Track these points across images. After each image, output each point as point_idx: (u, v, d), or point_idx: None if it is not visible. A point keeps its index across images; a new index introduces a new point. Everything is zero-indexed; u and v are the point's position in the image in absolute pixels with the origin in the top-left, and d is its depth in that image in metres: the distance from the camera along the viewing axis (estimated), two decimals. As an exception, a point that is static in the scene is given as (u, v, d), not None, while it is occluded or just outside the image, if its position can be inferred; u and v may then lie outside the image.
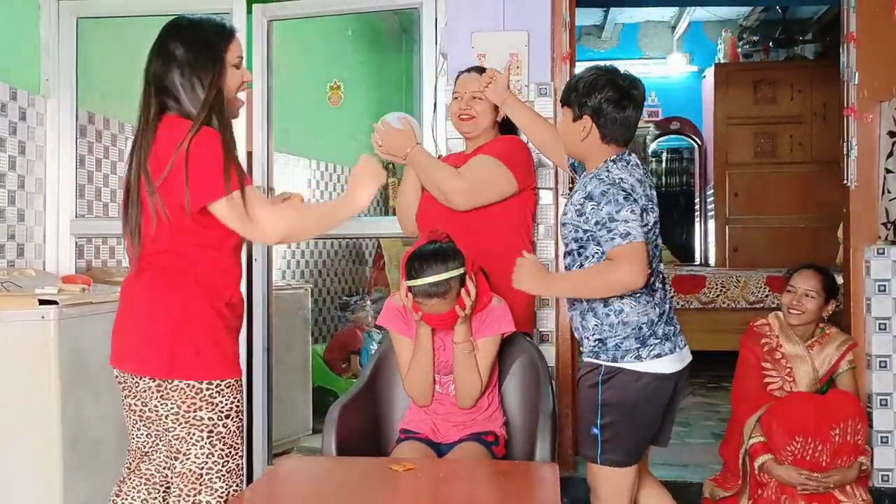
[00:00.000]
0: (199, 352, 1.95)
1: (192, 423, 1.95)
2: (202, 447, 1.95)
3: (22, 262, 3.49)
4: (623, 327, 2.20)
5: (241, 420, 2.02)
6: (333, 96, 3.91)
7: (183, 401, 1.94)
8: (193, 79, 1.98)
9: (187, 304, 1.97)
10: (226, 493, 1.97)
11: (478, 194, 2.62)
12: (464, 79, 2.81)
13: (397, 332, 2.44)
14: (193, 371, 1.94)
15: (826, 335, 3.07)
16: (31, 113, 3.58)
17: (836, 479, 2.84)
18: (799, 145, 7.65)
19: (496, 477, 2.02)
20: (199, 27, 2.06)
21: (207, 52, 2.01)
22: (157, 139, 1.96)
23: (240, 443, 2.01)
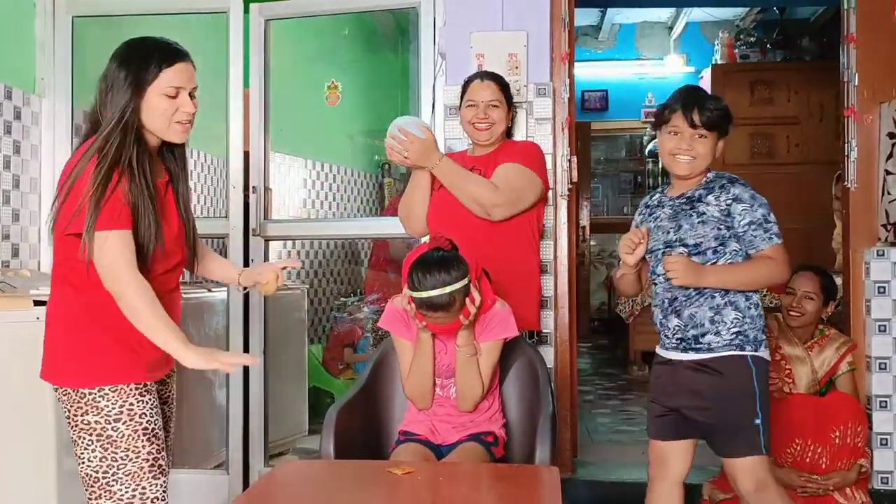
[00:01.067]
0: (76, 359, 1.97)
1: (82, 426, 1.97)
2: (93, 451, 1.96)
3: (17, 262, 3.47)
4: (759, 320, 2.34)
5: (142, 423, 1.98)
6: (331, 96, 3.89)
7: (70, 405, 1.98)
8: (108, 99, 1.95)
9: (61, 312, 2.01)
10: (130, 495, 1.96)
11: (516, 205, 2.67)
12: (477, 86, 2.81)
13: (398, 336, 2.41)
14: (65, 379, 1.98)
15: (825, 337, 3.07)
16: (26, 112, 3.56)
17: (836, 481, 2.84)
18: (796, 146, 7.63)
19: (496, 480, 2.00)
20: (137, 47, 2.02)
21: (129, 75, 1.95)
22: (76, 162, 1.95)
23: (141, 445, 1.97)
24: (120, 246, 1.89)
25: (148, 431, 1.99)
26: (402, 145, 2.62)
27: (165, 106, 1.97)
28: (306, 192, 5.49)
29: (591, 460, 3.54)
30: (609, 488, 3.24)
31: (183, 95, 2.00)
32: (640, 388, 5.58)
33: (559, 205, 3.32)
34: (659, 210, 2.48)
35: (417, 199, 2.76)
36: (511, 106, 2.86)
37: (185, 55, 2.03)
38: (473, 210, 2.64)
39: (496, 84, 2.81)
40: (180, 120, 2.00)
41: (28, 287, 3.02)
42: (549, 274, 3.29)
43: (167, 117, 1.98)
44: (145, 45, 2.02)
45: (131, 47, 2.02)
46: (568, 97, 3.33)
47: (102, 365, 1.97)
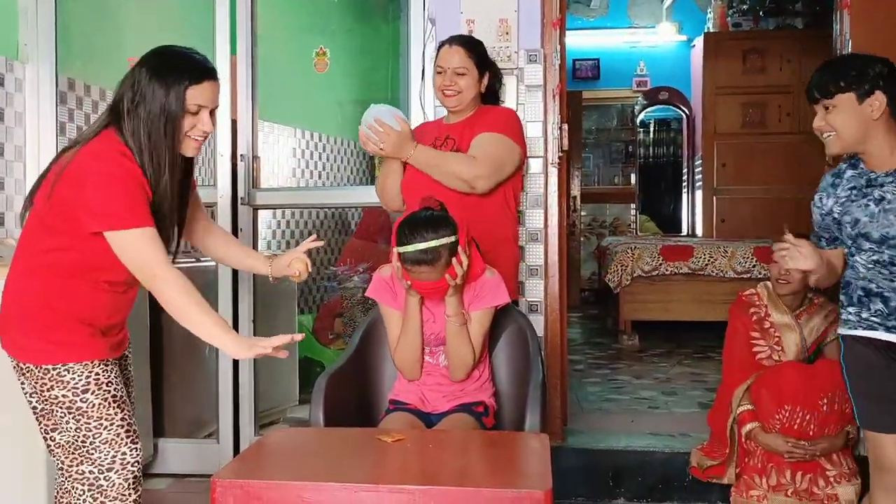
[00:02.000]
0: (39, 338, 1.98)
1: (50, 400, 1.99)
2: (67, 422, 1.99)
3: (2, 231, 3.44)
4: None
5: (110, 391, 2.01)
6: (319, 63, 3.85)
7: (35, 380, 1.99)
8: (135, 108, 1.98)
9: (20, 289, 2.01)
10: (110, 460, 1.99)
11: (497, 174, 2.65)
12: (445, 52, 2.75)
13: (386, 305, 2.41)
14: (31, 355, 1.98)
15: (814, 304, 3.07)
16: (9, 79, 3.50)
17: (823, 447, 2.85)
18: (787, 115, 7.62)
19: (486, 447, 2.00)
20: (170, 57, 2.04)
21: (162, 86, 1.98)
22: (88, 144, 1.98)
23: (113, 413, 2.00)
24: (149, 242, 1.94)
25: (118, 399, 2.02)
26: (378, 136, 2.58)
27: (186, 122, 2.01)
28: (295, 162, 5.45)
29: (580, 428, 3.55)
30: (599, 456, 3.26)
31: (204, 113, 2.04)
32: (629, 357, 5.61)
33: (550, 173, 3.30)
34: (875, 189, 2.24)
35: (391, 184, 2.77)
36: (486, 70, 2.78)
37: (213, 73, 2.05)
38: (456, 187, 2.60)
39: (465, 49, 2.73)
40: (196, 136, 2.05)
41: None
42: (540, 242, 3.28)
43: (183, 132, 2.02)
44: (176, 59, 2.03)
45: (162, 59, 2.03)
46: (559, 64, 3.29)
47: (65, 344, 1.98)
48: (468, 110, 2.76)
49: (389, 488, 1.59)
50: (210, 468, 3.46)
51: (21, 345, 2.00)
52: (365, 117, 2.63)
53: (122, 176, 1.93)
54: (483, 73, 2.76)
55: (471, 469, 1.84)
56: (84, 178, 1.92)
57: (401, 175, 2.73)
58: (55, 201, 1.96)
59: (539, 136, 3.26)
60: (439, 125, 2.84)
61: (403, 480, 1.63)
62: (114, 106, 2.03)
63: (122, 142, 1.98)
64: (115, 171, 1.93)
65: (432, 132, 2.80)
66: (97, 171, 1.92)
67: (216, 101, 2.07)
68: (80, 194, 1.92)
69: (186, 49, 2.08)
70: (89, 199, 1.92)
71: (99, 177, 1.92)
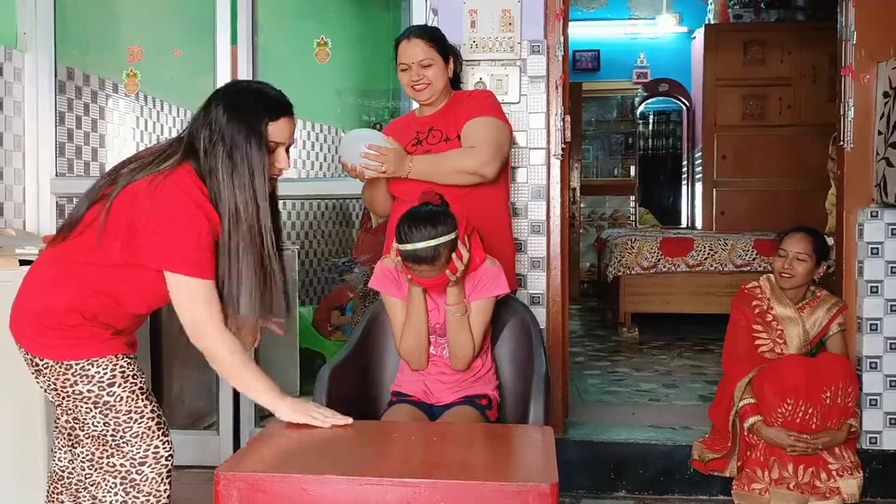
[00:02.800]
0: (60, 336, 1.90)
1: (74, 396, 1.92)
2: (94, 417, 1.93)
3: (1, 221, 3.42)
4: None
5: (137, 383, 1.96)
6: (320, 53, 3.81)
7: (56, 376, 1.91)
8: (217, 146, 1.90)
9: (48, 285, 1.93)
10: (142, 455, 1.94)
11: (500, 157, 2.63)
12: (405, 47, 2.67)
13: (389, 295, 2.39)
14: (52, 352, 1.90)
15: (817, 298, 3.07)
16: (7, 68, 3.47)
17: (826, 440, 2.85)
18: (788, 108, 7.60)
19: (490, 440, 1.99)
20: (247, 94, 1.97)
21: (243, 123, 1.90)
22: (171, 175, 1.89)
23: (143, 405, 1.95)
24: (209, 295, 1.89)
25: (145, 391, 1.98)
26: (378, 160, 2.52)
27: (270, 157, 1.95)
28: (296, 152, 5.42)
29: (581, 420, 3.55)
30: (600, 448, 3.25)
31: (280, 151, 1.98)
32: (629, 349, 5.61)
33: (552, 164, 3.28)
34: None
35: (382, 196, 2.76)
36: (450, 56, 2.72)
37: (290, 108, 2.00)
38: (464, 182, 2.57)
39: (424, 41, 2.66)
40: (273, 175, 1.99)
41: (13, 246, 2.97)
42: (542, 235, 3.27)
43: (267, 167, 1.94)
44: (253, 95, 1.96)
45: (239, 95, 1.97)
46: (562, 55, 3.27)
47: (88, 339, 1.91)
48: (442, 99, 2.73)
49: (393, 481, 1.58)
50: (210, 460, 3.47)
51: (41, 342, 1.92)
52: (350, 147, 2.55)
53: (201, 220, 1.86)
54: (447, 60, 2.71)
55: (475, 462, 1.83)
56: (164, 208, 1.84)
57: (386, 184, 2.71)
58: (118, 220, 1.88)
59: (542, 128, 3.24)
60: (415, 119, 2.78)
61: (407, 473, 1.62)
62: (189, 142, 1.94)
63: (201, 179, 1.90)
64: (197, 213, 1.86)
65: (411, 127, 2.75)
66: (180, 205, 1.85)
67: (292, 138, 2.01)
68: (156, 224, 1.85)
69: (261, 83, 2.02)
70: (164, 234, 1.85)
71: (181, 213, 1.85)
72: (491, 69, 3.22)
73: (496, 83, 3.21)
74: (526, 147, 3.24)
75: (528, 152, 3.25)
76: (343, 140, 2.61)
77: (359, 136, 2.59)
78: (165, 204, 1.85)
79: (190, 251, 1.86)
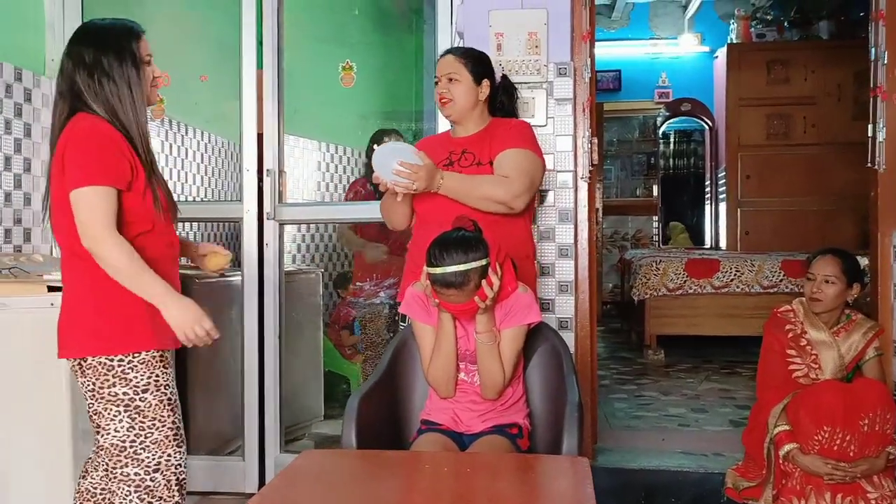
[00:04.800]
0: (100, 328, 2.03)
1: (108, 398, 2.04)
2: (121, 421, 2.05)
3: (29, 247, 3.43)
4: None
5: (167, 393, 2.10)
6: (346, 77, 3.82)
7: (96, 378, 2.04)
8: (102, 79, 2.07)
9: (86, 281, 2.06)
10: (156, 461, 2.08)
11: (532, 190, 2.62)
12: (439, 62, 2.72)
13: (418, 321, 2.37)
14: (94, 347, 2.03)
15: (852, 321, 3.00)
16: (36, 94, 3.50)
17: (864, 468, 2.78)
18: (812, 126, 7.54)
19: (524, 472, 1.95)
20: (106, 29, 2.15)
21: (114, 52, 2.09)
22: (63, 133, 2.07)
23: (166, 415, 2.08)
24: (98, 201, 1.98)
25: (171, 402, 2.11)
26: (409, 178, 2.47)
27: (147, 73, 2.15)
28: (320, 175, 5.43)
29: (610, 447, 3.50)
30: (631, 476, 3.20)
31: (153, 63, 2.18)
32: (655, 372, 5.54)
33: (580, 187, 3.26)
34: None
35: (402, 209, 2.69)
36: (485, 79, 2.71)
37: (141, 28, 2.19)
38: (490, 210, 2.54)
39: (455, 56, 2.70)
40: (158, 85, 2.21)
41: (41, 272, 2.98)
42: (569, 258, 3.23)
43: (148, 82, 2.16)
44: (109, 27, 2.15)
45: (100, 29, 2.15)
46: (589, 77, 3.25)
47: (129, 330, 2.03)
48: (473, 122, 2.70)
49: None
50: (235, 486, 3.44)
51: (82, 341, 2.05)
52: (382, 162, 2.51)
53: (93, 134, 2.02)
54: (479, 81, 2.69)
55: (509, 495, 1.79)
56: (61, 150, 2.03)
57: (410, 199, 2.66)
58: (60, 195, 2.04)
59: (569, 150, 3.22)
60: (449, 139, 2.77)
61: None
62: (71, 93, 2.10)
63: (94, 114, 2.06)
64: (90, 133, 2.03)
65: (444, 146, 2.73)
66: (72, 138, 2.02)
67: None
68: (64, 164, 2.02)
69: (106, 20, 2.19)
70: (66, 162, 2.01)
71: (74, 141, 2.02)
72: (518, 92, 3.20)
73: (523, 106, 3.19)
74: (553, 170, 3.22)
75: (556, 175, 3.23)
76: (376, 154, 2.55)
77: (392, 152, 2.53)
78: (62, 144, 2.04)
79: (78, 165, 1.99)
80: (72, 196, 1.98)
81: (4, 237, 3.31)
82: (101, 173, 1.98)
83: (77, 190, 1.97)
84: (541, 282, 3.22)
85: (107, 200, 1.98)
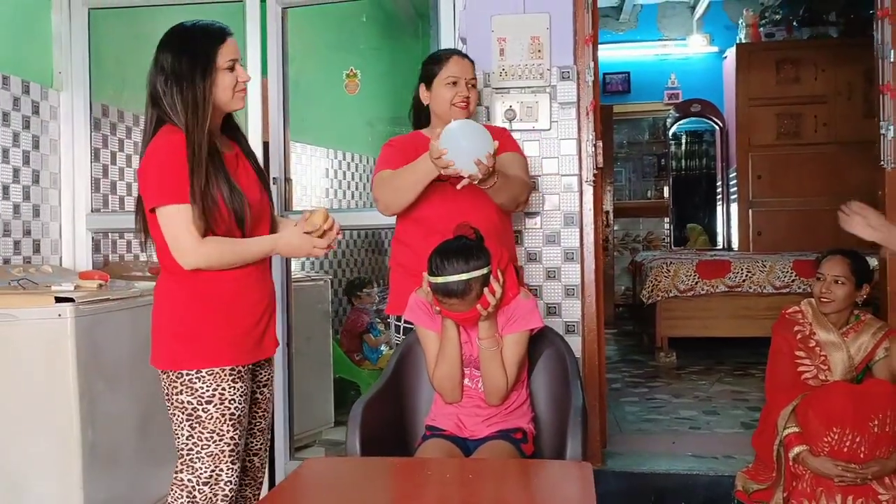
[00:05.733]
0: (175, 342, 2.10)
1: (176, 405, 2.11)
2: (183, 428, 2.10)
3: (38, 258, 3.46)
4: None
5: (230, 408, 2.11)
6: (350, 84, 3.83)
7: (168, 385, 2.12)
8: (175, 87, 2.06)
9: (165, 298, 2.14)
10: (208, 474, 2.10)
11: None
12: (457, 62, 2.66)
13: (423, 326, 2.37)
14: (167, 362, 2.11)
15: (861, 322, 2.98)
16: (44, 106, 3.53)
17: (875, 470, 2.75)
18: (823, 125, 7.49)
19: (527, 477, 1.95)
20: (185, 33, 2.12)
21: (191, 58, 2.06)
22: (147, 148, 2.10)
23: (225, 429, 2.10)
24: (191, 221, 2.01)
25: (234, 417, 2.12)
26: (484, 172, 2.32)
27: (229, 78, 2.10)
28: (328, 182, 5.45)
29: (620, 451, 3.48)
30: (640, 479, 3.18)
31: (238, 67, 2.13)
32: (667, 375, 5.51)
33: (584, 191, 3.25)
34: None
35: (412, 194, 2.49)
36: None
37: (230, 31, 2.15)
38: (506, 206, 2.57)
39: (472, 63, 2.71)
40: (240, 89, 2.15)
41: (50, 283, 3.00)
42: (575, 262, 3.23)
43: (230, 89, 2.11)
44: (190, 30, 2.12)
45: (180, 32, 2.12)
46: (592, 80, 3.25)
47: (200, 347, 2.08)
48: None
49: (429, 522, 1.55)
50: (245, 494, 3.44)
51: (160, 353, 2.13)
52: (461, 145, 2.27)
53: (164, 150, 2.03)
54: None
55: (512, 501, 1.79)
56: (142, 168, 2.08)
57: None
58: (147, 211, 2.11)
59: (573, 154, 3.21)
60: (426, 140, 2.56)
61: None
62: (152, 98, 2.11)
63: (174, 126, 2.06)
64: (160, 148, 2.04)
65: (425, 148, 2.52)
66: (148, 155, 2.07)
67: (239, 52, 2.17)
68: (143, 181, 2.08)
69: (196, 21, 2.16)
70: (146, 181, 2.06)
71: (149, 159, 2.06)
72: (521, 96, 3.21)
73: (526, 110, 3.20)
74: (557, 174, 3.21)
75: (560, 179, 3.22)
76: (446, 133, 2.30)
77: (476, 138, 2.29)
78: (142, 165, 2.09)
79: (157, 183, 2.03)
80: (157, 215, 2.05)
81: (14, 249, 3.34)
82: (179, 191, 2.00)
83: (158, 209, 2.03)
84: (546, 286, 3.21)
85: (188, 215, 2.01)
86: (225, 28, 2.13)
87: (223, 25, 2.14)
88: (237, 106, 2.17)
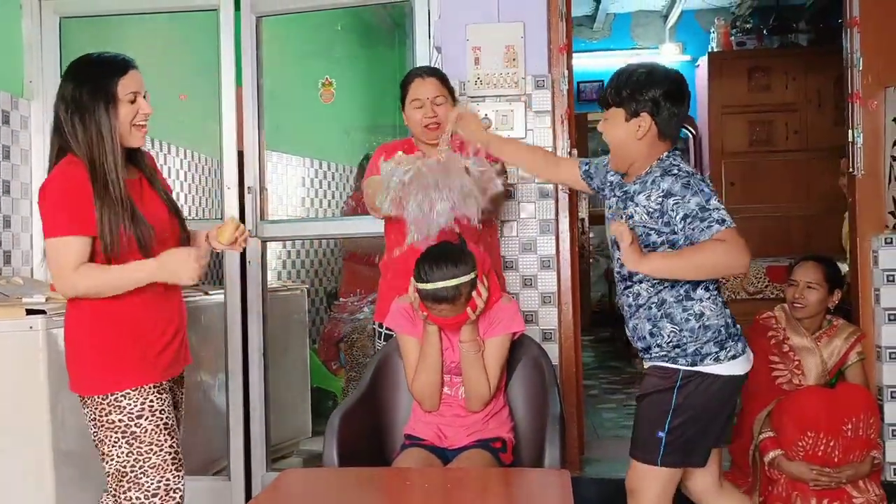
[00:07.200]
0: (94, 367, 2.09)
1: (107, 426, 2.09)
2: (120, 447, 2.08)
3: (9, 269, 3.41)
4: (704, 332, 2.15)
5: (162, 418, 2.11)
6: (325, 93, 3.83)
7: (95, 409, 2.10)
8: (76, 117, 2.05)
9: (75, 325, 2.12)
10: (156, 485, 2.09)
11: None
12: (419, 84, 2.67)
13: (404, 333, 2.36)
14: (91, 387, 2.09)
15: (834, 327, 3.02)
16: (14, 116, 3.49)
17: (849, 473, 2.79)
18: (794, 133, 7.58)
19: (506, 486, 1.95)
20: (88, 64, 2.12)
21: (92, 89, 2.06)
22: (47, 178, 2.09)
23: (163, 439, 2.10)
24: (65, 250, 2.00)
25: (168, 427, 2.13)
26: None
27: (131, 110, 2.08)
28: (304, 191, 5.42)
29: (598, 457, 3.49)
30: (619, 486, 3.15)
31: (140, 99, 2.11)
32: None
33: (560, 198, 3.26)
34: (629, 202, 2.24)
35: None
36: (454, 100, 2.74)
37: (133, 63, 2.14)
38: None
39: (437, 79, 2.69)
40: (138, 123, 2.12)
41: (20, 295, 2.96)
42: (552, 270, 3.23)
43: (129, 121, 2.09)
44: (93, 61, 2.12)
45: (84, 63, 2.13)
46: (567, 89, 3.26)
47: (120, 370, 2.08)
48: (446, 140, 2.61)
49: (408, 532, 1.54)
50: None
51: (81, 379, 2.11)
52: None
53: (57, 181, 2.03)
54: (454, 102, 2.73)
55: (491, 509, 1.79)
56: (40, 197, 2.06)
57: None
58: None
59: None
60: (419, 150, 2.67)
61: (422, 524, 1.58)
62: (55, 127, 2.10)
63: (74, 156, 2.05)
64: (55, 179, 2.04)
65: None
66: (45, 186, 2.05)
67: (144, 86, 2.14)
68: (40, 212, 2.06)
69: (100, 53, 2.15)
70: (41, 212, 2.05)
71: (45, 190, 2.04)
72: (496, 105, 3.22)
73: (501, 118, 3.21)
74: (533, 182, 3.22)
75: (536, 187, 3.23)
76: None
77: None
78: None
79: (44, 215, 2.03)
80: (45, 246, 2.04)
81: (-16, 260, 3.29)
82: (67, 224, 2.00)
83: (47, 241, 2.02)
84: (523, 294, 3.22)
85: (73, 248, 2.00)
86: (129, 60, 2.13)
87: (127, 58, 2.13)
88: (135, 143, 2.13)
